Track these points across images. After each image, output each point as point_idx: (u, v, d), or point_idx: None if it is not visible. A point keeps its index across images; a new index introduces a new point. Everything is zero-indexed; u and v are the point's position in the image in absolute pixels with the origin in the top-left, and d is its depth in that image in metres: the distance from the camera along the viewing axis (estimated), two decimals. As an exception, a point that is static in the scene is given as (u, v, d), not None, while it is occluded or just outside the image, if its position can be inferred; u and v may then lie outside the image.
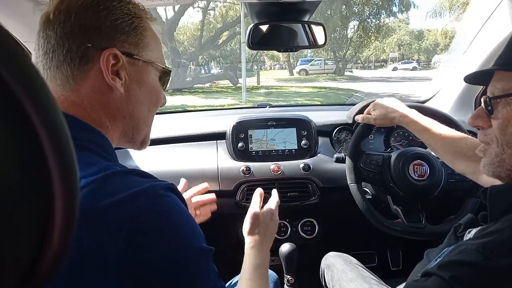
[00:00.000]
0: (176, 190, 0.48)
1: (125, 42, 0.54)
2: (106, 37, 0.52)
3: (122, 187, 0.43)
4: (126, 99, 0.56)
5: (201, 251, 0.46)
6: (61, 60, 0.51)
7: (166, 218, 0.44)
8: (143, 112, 0.60)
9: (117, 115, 0.56)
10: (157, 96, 0.62)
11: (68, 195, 0.21)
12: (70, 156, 0.21)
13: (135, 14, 0.55)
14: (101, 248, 0.40)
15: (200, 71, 20.38)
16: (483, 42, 1.32)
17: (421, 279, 0.57)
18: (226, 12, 20.12)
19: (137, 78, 0.56)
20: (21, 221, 0.19)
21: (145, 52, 0.57)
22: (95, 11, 0.51)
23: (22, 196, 0.19)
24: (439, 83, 1.68)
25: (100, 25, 0.51)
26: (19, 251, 0.20)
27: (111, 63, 0.52)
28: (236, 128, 1.39)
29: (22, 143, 0.19)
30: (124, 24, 0.53)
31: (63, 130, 0.21)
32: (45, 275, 0.22)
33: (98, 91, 0.53)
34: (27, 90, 0.19)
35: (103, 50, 0.51)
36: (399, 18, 28.37)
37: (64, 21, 0.50)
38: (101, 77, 0.52)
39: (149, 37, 0.57)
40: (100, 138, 0.52)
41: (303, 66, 24.55)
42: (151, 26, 0.59)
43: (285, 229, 1.37)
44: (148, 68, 0.58)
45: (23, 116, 0.19)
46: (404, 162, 1.10)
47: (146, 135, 0.64)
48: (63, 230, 0.21)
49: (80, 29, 0.50)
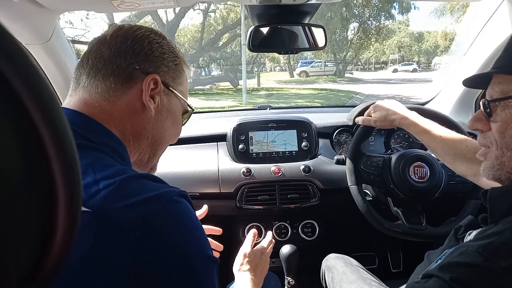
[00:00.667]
0: (188, 198, 0.49)
1: (166, 73, 0.61)
2: (153, 65, 0.59)
3: (137, 191, 0.45)
4: (154, 122, 0.61)
5: (209, 260, 0.47)
6: (108, 73, 0.56)
7: (177, 223, 0.45)
8: (164, 138, 0.65)
9: (142, 133, 0.60)
10: (177, 128, 0.68)
11: (71, 191, 0.21)
12: (71, 151, 0.21)
13: (178, 55, 0.64)
14: (112, 250, 0.41)
15: (200, 73, 20.40)
16: (483, 44, 1.32)
17: (421, 281, 0.57)
18: (226, 14, 20.15)
19: (168, 107, 0.63)
20: (24, 219, 0.20)
21: (178, 88, 0.64)
22: (149, 41, 0.59)
23: (24, 193, 0.19)
24: (439, 85, 1.68)
25: (151, 54, 0.59)
26: (22, 248, 0.20)
27: (151, 87, 0.58)
28: (236, 130, 1.39)
29: (23, 138, 0.19)
30: (169, 59, 0.61)
31: (61, 120, 0.21)
32: (48, 274, 0.22)
33: (132, 108, 0.58)
34: (29, 88, 0.19)
35: (148, 74, 0.58)
36: (399, 20, 28.44)
37: (121, 42, 0.57)
38: (139, 97, 0.58)
39: (183, 77, 0.66)
40: (119, 145, 0.55)
41: (304, 68, 24.54)
42: (186, 71, 0.67)
43: (285, 231, 1.37)
44: (178, 101, 0.65)
45: (23, 112, 0.19)
46: (404, 164, 1.10)
47: (156, 163, 0.69)
48: (66, 227, 0.22)
49: (133, 52, 0.57)
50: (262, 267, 0.89)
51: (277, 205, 1.30)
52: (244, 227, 1.36)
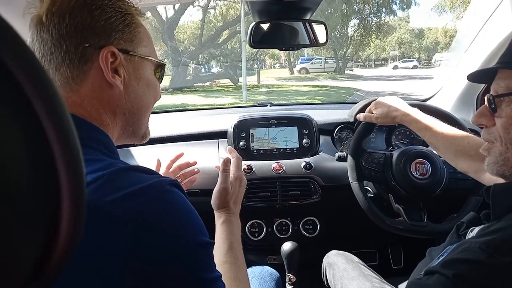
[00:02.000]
0: (180, 186, 0.49)
1: (121, 39, 0.55)
2: (102, 36, 0.53)
3: (128, 183, 0.44)
4: (126, 96, 0.57)
5: (206, 245, 0.47)
6: (59, 62, 0.51)
7: (171, 213, 0.45)
8: (142, 107, 0.61)
9: (117, 112, 0.57)
10: (154, 90, 0.63)
11: (75, 187, 0.21)
12: (75, 147, 0.21)
13: (127, 11, 0.56)
14: (106, 244, 0.40)
15: (200, 70, 20.38)
16: (485, 40, 1.32)
17: (424, 277, 0.57)
18: (226, 11, 20.10)
19: (135, 74, 0.57)
20: (30, 217, 0.19)
21: (139, 48, 0.58)
22: (88, 10, 0.51)
23: (30, 192, 0.19)
24: (440, 82, 1.67)
25: (95, 24, 0.52)
26: (28, 247, 0.20)
27: (109, 61, 0.53)
28: (237, 127, 1.39)
29: (27, 132, 0.19)
30: (118, 22, 0.54)
31: (64, 114, 0.21)
32: (53, 272, 0.22)
33: (98, 90, 0.53)
34: (33, 82, 0.19)
35: (101, 48, 0.52)
36: (400, 17, 28.36)
37: (58, 22, 0.50)
38: (101, 76, 0.53)
39: (141, 33, 0.58)
40: (101, 135, 0.53)
41: (304, 64, 24.51)
42: (142, 22, 0.60)
43: (286, 228, 1.37)
44: (144, 63, 0.59)
45: (28, 108, 0.19)
46: (406, 161, 1.10)
47: (146, 128, 0.65)
48: (71, 224, 0.21)
49: (75, 29, 0.51)
50: (241, 196, 0.87)
51: (278, 202, 1.30)
52: (245, 224, 1.36)
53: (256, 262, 1.35)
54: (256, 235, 1.35)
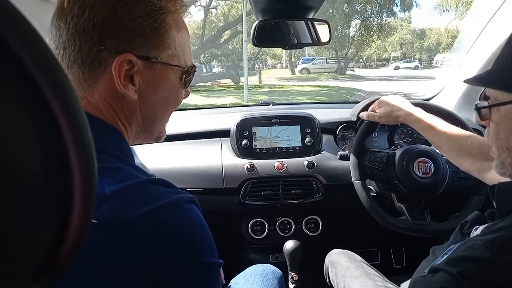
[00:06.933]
0: (197, 203, 0.48)
1: (143, 45, 0.49)
2: (122, 41, 0.47)
3: (146, 199, 0.42)
4: (140, 105, 0.53)
5: (217, 266, 0.47)
6: (71, 60, 0.47)
7: (188, 233, 0.44)
8: (158, 116, 0.57)
9: (131, 120, 0.54)
10: (175, 96, 0.58)
11: (86, 180, 0.21)
12: (88, 140, 0.21)
13: (160, 8, 0.49)
14: (120, 260, 0.39)
15: (202, 70, 20.40)
16: (487, 41, 1.31)
17: (428, 275, 0.57)
18: (228, 11, 20.12)
19: (154, 83, 0.52)
20: (41, 210, 0.20)
21: (165, 52, 0.52)
22: (112, 7, 0.46)
23: (43, 186, 0.19)
24: (443, 81, 1.67)
25: (116, 25, 0.46)
26: (39, 240, 0.20)
27: (124, 69, 0.48)
28: (240, 126, 1.39)
29: (39, 125, 0.19)
30: (144, 25, 0.48)
31: (77, 107, 0.21)
32: (62, 267, 0.22)
33: (111, 96, 0.49)
34: (46, 76, 0.19)
35: (118, 54, 0.47)
36: (401, 17, 28.34)
37: (77, 15, 0.45)
38: (114, 83, 0.48)
39: (172, 36, 0.52)
40: (118, 139, 0.51)
41: (305, 65, 24.50)
42: (179, 19, 0.53)
43: (289, 227, 1.37)
44: (167, 69, 0.53)
45: (40, 97, 0.19)
46: (408, 160, 1.10)
47: (161, 131, 0.62)
48: (81, 215, 0.22)
49: (93, 27, 0.45)
50: None
51: (280, 201, 1.30)
52: (247, 222, 1.36)
53: (259, 260, 1.35)
54: (259, 234, 1.35)
